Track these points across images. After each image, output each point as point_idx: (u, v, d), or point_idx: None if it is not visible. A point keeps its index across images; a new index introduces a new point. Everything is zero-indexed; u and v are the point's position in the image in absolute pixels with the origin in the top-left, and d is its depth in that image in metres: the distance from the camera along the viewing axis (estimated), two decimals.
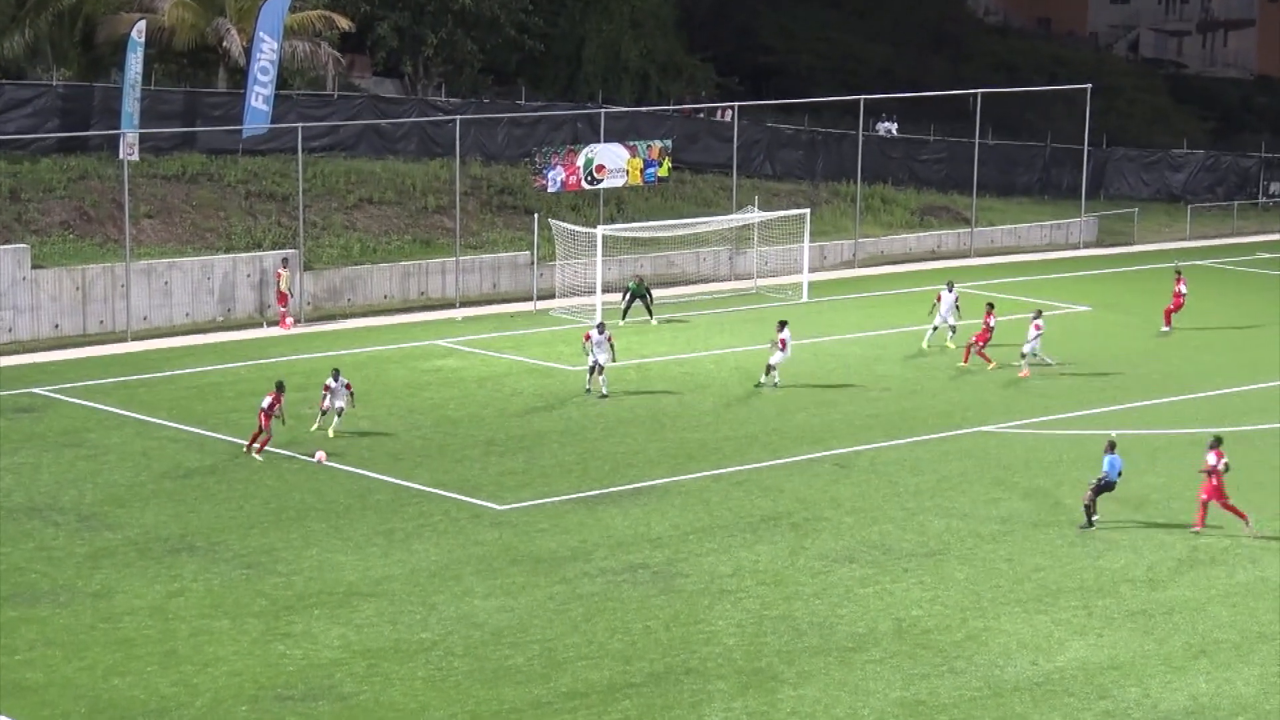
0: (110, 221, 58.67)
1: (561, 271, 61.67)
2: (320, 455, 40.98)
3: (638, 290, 58.57)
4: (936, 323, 54.45)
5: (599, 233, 58.75)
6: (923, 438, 44.19)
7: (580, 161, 63.73)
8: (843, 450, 42.92)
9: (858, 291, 65.56)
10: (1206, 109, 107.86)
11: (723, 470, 40.99)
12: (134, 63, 59.62)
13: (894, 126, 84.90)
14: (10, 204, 58.16)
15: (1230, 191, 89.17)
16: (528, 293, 62.24)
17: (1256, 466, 41.29)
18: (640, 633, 30.69)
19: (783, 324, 49.35)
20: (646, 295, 58.73)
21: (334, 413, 42.83)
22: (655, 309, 58.97)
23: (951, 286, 55.16)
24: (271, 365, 50.87)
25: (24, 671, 28.49)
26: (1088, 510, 36.76)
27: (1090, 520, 36.69)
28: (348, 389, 42.91)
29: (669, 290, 63.69)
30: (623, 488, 39.37)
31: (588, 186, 64.59)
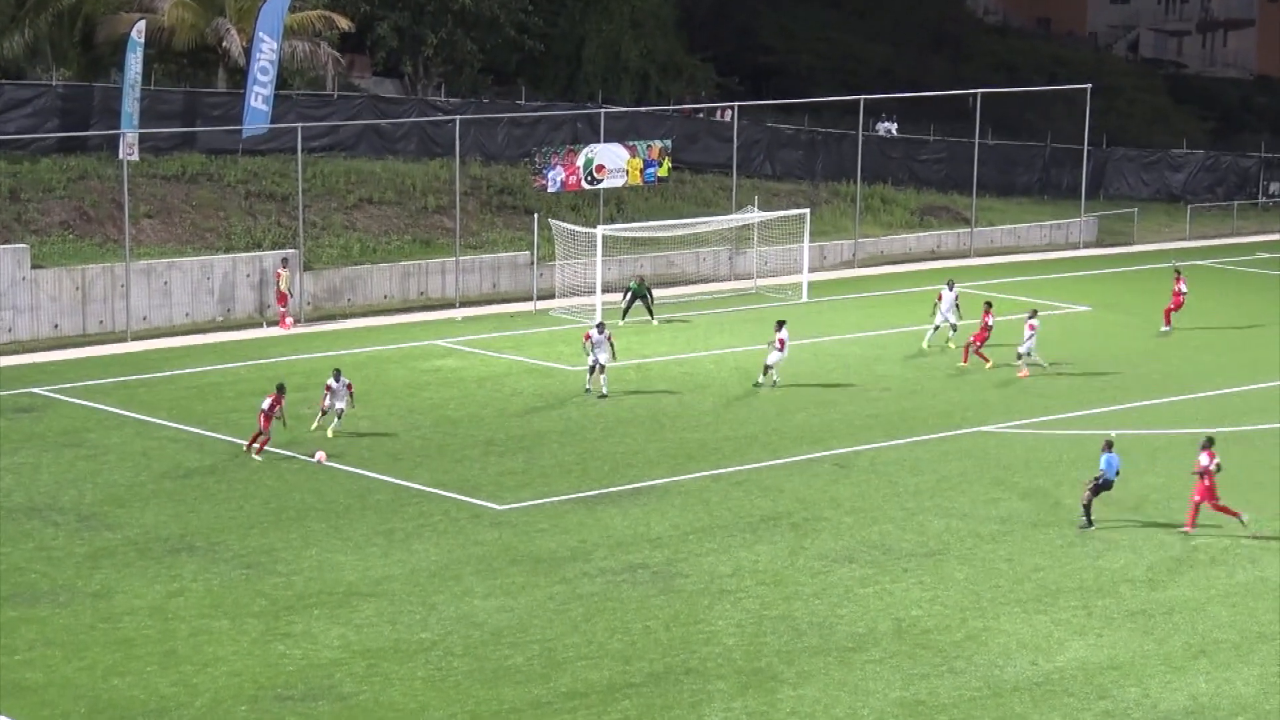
0: (110, 221, 58.65)
1: (561, 271, 61.65)
2: (320, 455, 40.97)
3: (639, 290, 58.54)
4: (938, 322, 54.41)
5: (599, 233, 58.73)
6: (922, 438, 44.18)
7: (580, 161, 63.70)
8: (842, 450, 42.91)
9: (857, 291, 65.54)
10: (1206, 109, 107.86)
11: (722, 470, 40.98)
12: (134, 63, 59.60)
13: (894, 126, 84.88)
14: (10, 204, 58.16)
15: (1230, 191, 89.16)
16: (528, 293, 62.23)
17: (1256, 466, 41.30)
18: (640, 633, 30.68)
19: (781, 324, 49.38)
20: (647, 295, 58.72)
21: (334, 413, 42.82)
22: (655, 309, 58.98)
23: (952, 285, 55.12)
24: (271, 365, 50.87)
25: (24, 671, 28.48)
26: (1087, 510, 36.77)
27: (1090, 520, 36.70)
28: (349, 389, 42.92)
29: (669, 290, 63.69)
30: (622, 488, 39.36)
31: (588, 186, 64.56)
